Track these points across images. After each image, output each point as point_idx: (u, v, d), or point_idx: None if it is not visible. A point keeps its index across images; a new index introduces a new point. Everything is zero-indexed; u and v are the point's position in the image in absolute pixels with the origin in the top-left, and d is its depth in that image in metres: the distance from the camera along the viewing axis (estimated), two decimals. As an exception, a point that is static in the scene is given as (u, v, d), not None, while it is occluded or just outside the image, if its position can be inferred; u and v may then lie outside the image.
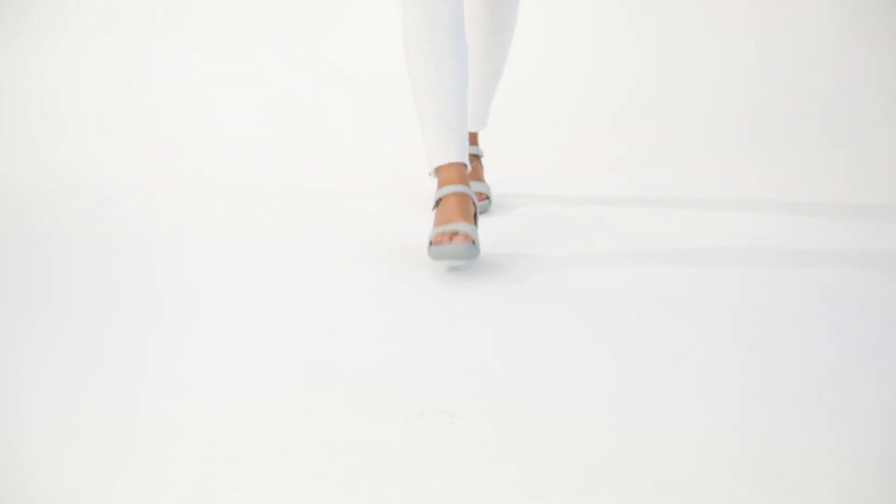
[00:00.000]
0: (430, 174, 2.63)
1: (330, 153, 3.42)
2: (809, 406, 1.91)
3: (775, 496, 1.62)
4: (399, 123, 3.83)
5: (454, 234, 2.43)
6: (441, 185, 2.55)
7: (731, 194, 3.21)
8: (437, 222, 2.50)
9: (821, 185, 3.24)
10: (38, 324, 2.29)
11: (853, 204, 3.13)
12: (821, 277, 2.57)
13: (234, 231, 2.94)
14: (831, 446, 1.77)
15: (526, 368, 2.07)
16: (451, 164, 2.55)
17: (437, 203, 2.57)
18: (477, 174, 3.06)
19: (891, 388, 1.98)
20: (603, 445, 1.78)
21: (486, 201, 3.01)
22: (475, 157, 3.06)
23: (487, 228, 2.87)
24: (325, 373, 2.02)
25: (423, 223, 2.89)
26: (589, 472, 1.69)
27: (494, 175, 3.34)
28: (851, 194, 3.21)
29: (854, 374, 2.04)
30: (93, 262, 2.69)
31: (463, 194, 2.52)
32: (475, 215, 2.55)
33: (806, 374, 2.04)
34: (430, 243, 2.47)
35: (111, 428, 1.83)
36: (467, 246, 2.42)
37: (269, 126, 3.47)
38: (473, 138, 3.06)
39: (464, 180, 2.54)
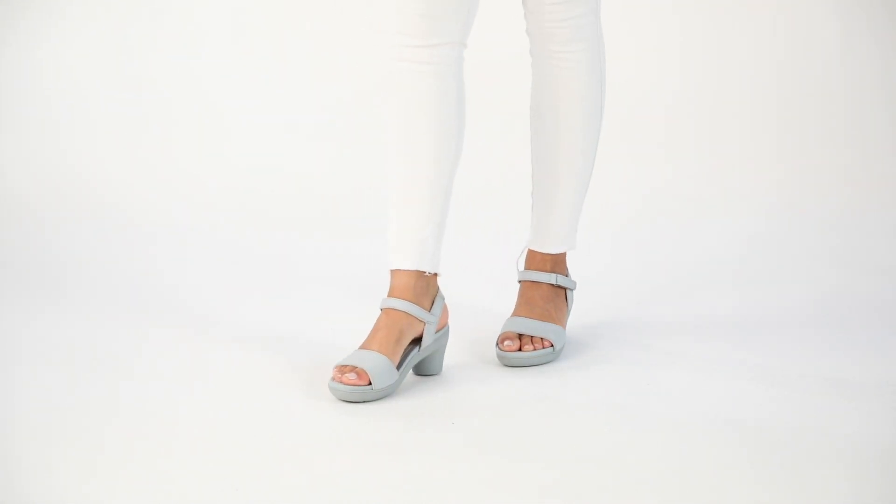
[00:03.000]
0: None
1: (334, 152, 3.42)
2: (811, 405, 1.91)
3: (777, 495, 1.62)
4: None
5: (352, 369, 1.93)
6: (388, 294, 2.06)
7: (731, 194, 3.20)
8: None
9: (821, 185, 3.24)
10: (37, 323, 2.29)
11: (854, 203, 3.12)
12: (822, 277, 2.57)
13: (235, 230, 2.93)
14: (833, 446, 1.76)
15: (526, 368, 2.07)
16: (401, 272, 2.05)
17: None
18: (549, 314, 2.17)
19: (891, 388, 1.98)
20: (604, 445, 1.78)
21: (550, 349, 2.12)
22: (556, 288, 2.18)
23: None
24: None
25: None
26: (590, 472, 1.69)
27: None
28: (852, 194, 3.21)
29: (854, 374, 2.04)
30: (92, 261, 2.69)
31: (395, 313, 2.00)
32: (419, 338, 2.01)
33: (807, 373, 2.04)
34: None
35: (110, 427, 1.83)
36: (355, 390, 1.91)
37: (273, 125, 3.46)
38: (554, 263, 2.20)
39: (408, 293, 2.02)
